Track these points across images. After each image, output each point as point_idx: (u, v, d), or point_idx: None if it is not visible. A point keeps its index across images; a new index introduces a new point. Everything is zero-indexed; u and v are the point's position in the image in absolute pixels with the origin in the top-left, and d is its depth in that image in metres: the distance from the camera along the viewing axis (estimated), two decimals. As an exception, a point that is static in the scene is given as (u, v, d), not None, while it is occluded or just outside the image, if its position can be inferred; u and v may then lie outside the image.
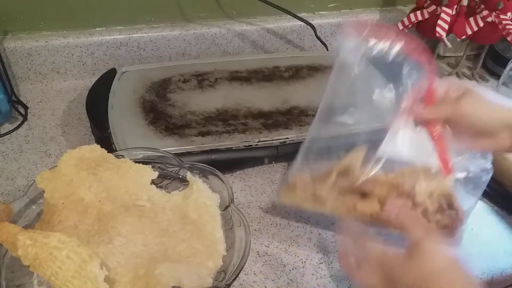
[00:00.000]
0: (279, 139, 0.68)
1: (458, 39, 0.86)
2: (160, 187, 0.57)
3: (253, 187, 0.67)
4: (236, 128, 0.69)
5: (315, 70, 0.82)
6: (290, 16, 0.86)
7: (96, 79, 0.77)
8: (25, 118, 0.75)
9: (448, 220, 0.54)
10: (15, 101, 0.76)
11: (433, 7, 0.85)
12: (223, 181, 0.57)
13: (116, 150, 0.62)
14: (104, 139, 0.65)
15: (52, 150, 0.70)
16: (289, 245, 0.60)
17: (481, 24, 0.84)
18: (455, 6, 0.84)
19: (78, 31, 0.81)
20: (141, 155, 0.60)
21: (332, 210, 0.56)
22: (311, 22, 0.88)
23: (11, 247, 0.45)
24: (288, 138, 0.68)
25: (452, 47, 0.88)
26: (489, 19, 0.83)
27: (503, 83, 0.73)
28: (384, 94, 0.56)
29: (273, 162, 0.70)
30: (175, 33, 0.84)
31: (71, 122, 0.76)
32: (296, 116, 0.72)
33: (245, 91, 0.76)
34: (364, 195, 0.55)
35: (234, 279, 0.48)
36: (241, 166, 0.69)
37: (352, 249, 0.46)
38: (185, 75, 0.78)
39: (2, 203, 0.52)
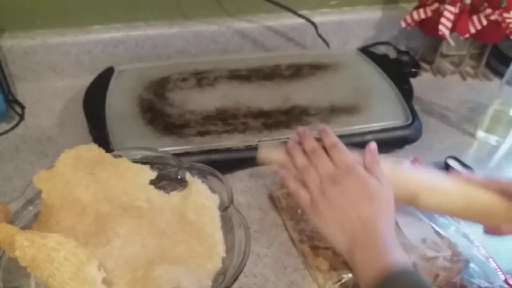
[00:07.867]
0: (280, 139, 0.67)
1: (461, 38, 0.85)
2: (159, 187, 0.57)
3: (253, 188, 0.66)
4: (236, 128, 0.68)
5: (316, 68, 0.82)
6: (291, 13, 0.85)
7: (93, 77, 0.77)
8: (21, 117, 0.75)
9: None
10: (11, 101, 0.76)
11: (436, 5, 0.84)
12: (222, 182, 0.56)
13: (113, 150, 0.61)
14: (102, 139, 0.65)
15: (49, 150, 0.70)
16: (290, 247, 0.59)
17: (485, 22, 0.83)
18: (458, 4, 0.83)
19: (75, 29, 0.80)
20: (139, 155, 0.59)
21: None
22: (312, 19, 0.87)
23: (9, 248, 0.45)
24: (289, 137, 0.67)
25: (455, 45, 0.87)
26: (493, 18, 0.82)
27: (507, 82, 0.73)
28: None
29: (274, 162, 0.70)
30: (174, 31, 0.83)
31: (68, 121, 0.75)
32: (297, 115, 0.71)
33: (245, 90, 0.76)
34: None
35: (234, 281, 0.47)
36: (241, 167, 0.68)
37: None
38: (183, 74, 0.78)
39: (-1, 204, 0.52)
